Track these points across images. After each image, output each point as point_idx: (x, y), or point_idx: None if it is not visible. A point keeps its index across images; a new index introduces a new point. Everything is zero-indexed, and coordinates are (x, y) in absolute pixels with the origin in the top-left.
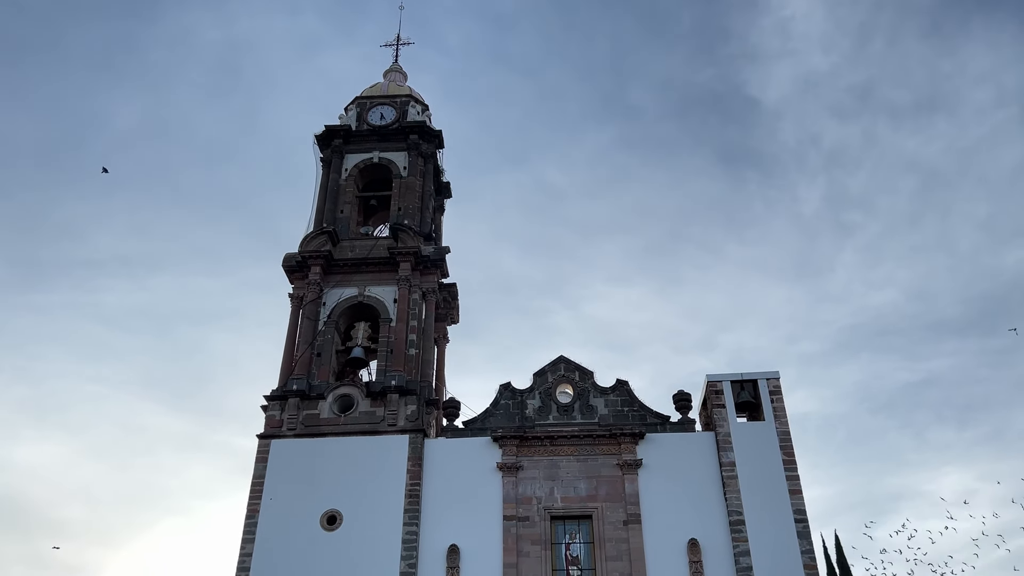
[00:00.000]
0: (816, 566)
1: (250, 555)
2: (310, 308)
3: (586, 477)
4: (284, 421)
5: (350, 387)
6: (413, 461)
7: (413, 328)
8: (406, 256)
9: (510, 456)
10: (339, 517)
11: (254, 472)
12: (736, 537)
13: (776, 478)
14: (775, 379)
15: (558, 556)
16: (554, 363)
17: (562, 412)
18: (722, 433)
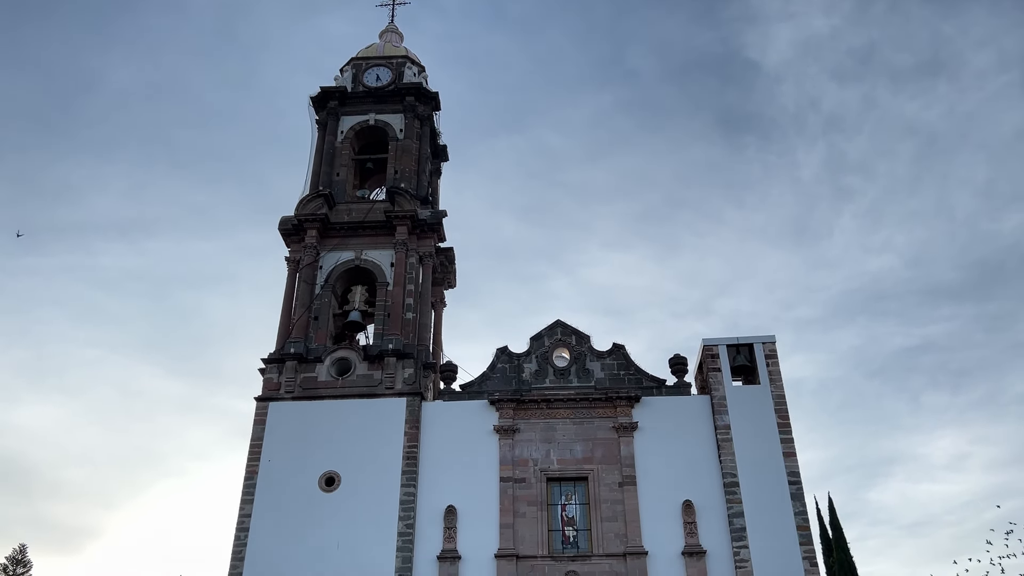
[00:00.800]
0: (809, 527)
1: (249, 516)
2: (307, 272)
3: (582, 440)
4: (282, 384)
5: (347, 350)
6: (411, 424)
7: (410, 292)
8: (403, 220)
9: (507, 419)
10: (337, 478)
11: (252, 434)
12: (730, 499)
13: (771, 441)
14: (771, 343)
15: (554, 517)
16: (551, 327)
17: (559, 376)
18: (717, 396)
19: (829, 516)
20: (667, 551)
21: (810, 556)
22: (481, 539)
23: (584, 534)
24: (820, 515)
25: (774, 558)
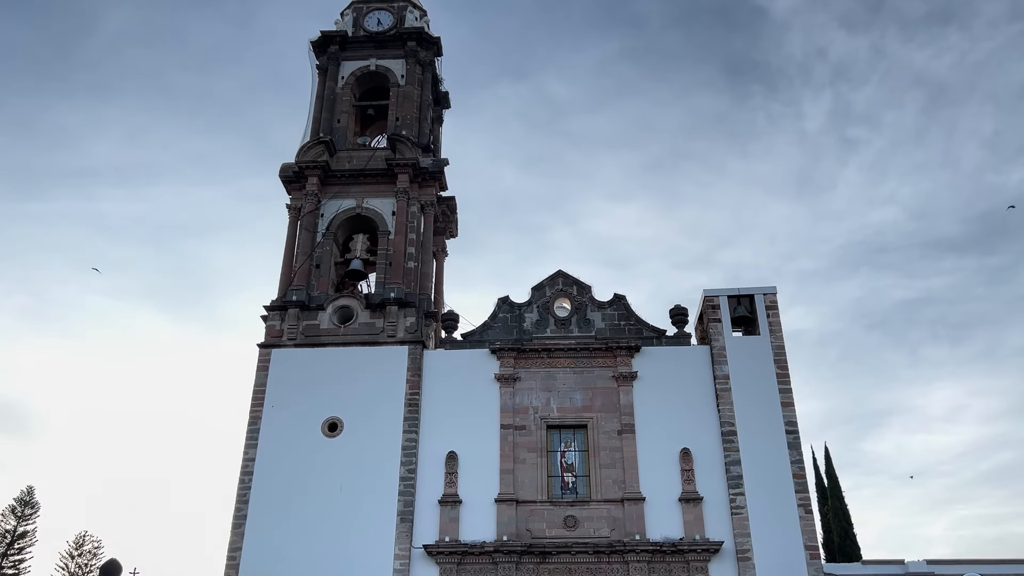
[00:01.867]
0: (805, 476)
1: (253, 460)
2: (308, 219)
3: (582, 388)
4: (284, 331)
5: (349, 299)
6: (412, 371)
7: (412, 241)
8: (404, 168)
9: (508, 368)
10: (340, 424)
11: (255, 380)
12: (728, 447)
13: (769, 391)
14: (772, 294)
15: (553, 463)
16: (552, 277)
17: (559, 325)
18: (717, 347)
19: (825, 465)
20: (664, 497)
21: (805, 504)
22: (481, 484)
23: (583, 480)
24: (816, 464)
25: (769, 505)
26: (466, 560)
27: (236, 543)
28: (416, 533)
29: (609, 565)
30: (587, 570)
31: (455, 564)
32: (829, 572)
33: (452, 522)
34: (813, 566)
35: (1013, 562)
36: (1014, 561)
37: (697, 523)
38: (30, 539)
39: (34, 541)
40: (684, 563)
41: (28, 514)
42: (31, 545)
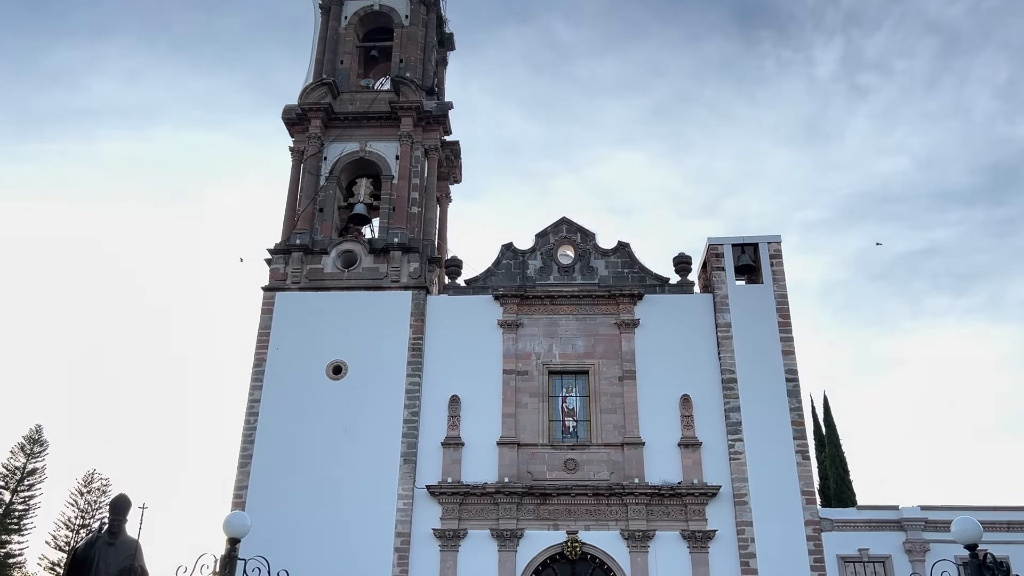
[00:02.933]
0: (804, 423)
1: (258, 401)
2: (311, 162)
3: (584, 335)
4: (288, 275)
5: (353, 243)
6: (416, 316)
7: (415, 186)
8: (408, 111)
9: (511, 314)
10: (344, 367)
11: (260, 323)
12: (728, 394)
13: (770, 339)
14: (776, 243)
15: (555, 408)
16: (556, 224)
17: (563, 273)
18: (720, 295)
19: (824, 414)
20: (664, 442)
21: (803, 450)
22: (484, 427)
23: (583, 425)
24: (815, 412)
25: (768, 451)
26: (468, 500)
27: (242, 481)
28: (419, 474)
29: (608, 507)
30: (586, 512)
31: (457, 504)
32: (824, 516)
33: (454, 464)
34: (809, 510)
35: (1007, 508)
36: (1008, 508)
37: (695, 468)
38: (39, 476)
39: (43, 479)
40: (682, 506)
41: (37, 452)
42: (40, 482)
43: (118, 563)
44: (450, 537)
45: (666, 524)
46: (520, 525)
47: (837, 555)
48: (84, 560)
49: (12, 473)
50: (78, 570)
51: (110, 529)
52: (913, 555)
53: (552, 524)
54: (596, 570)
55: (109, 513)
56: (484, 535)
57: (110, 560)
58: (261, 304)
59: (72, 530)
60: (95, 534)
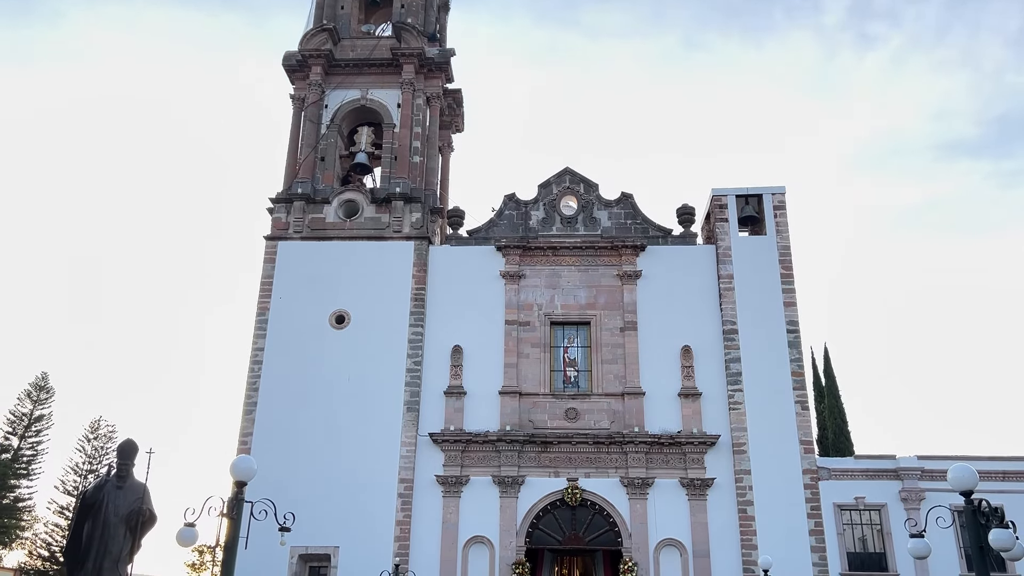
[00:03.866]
0: (803, 374)
1: (262, 349)
2: (312, 110)
3: (586, 286)
4: (290, 224)
5: (355, 192)
6: (418, 267)
7: (417, 135)
8: (409, 58)
9: (513, 265)
10: (347, 317)
11: (262, 272)
12: (728, 345)
13: (772, 291)
14: (780, 194)
15: (556, 358)
16: (559, 175)
17: (565, 223)
18: (723, 247)
19: (824, 365)
20: (664, 392)
21: (802, 400)
22: (486, 377)
23: (584, 375)
24: (815, 364)
25: (767, 401)
26: (470, 448)
27: (247, 428)
28: (422, 422)
29: (608, 455)
30: (586, 459)
31: (459, 451)
32: (822, 465)
33: (457, 412)
34: (807, 460)
35: (1003, 459)
36: (1004, 458)
37: (695, 417)
38: (46, 423)
39: (50, 425)
40: (681, 454)
41: (43, 398)
42: (47, 429)
43: (127, 506)
44: (452, 483)
45: (665, 472)
46: (521, 472)
47: (833, 503)
48: (93, 503)
49: (19, 419)
50: (87, 512)
51: (118, 473)
52: (909, 504)
53: (553, 471)
54: (596, 516)
55: (117, 457)
56: (486, 481)
57: (119, 503)
58: (264, 253)
59: (80, 475)
60: (104, 478)
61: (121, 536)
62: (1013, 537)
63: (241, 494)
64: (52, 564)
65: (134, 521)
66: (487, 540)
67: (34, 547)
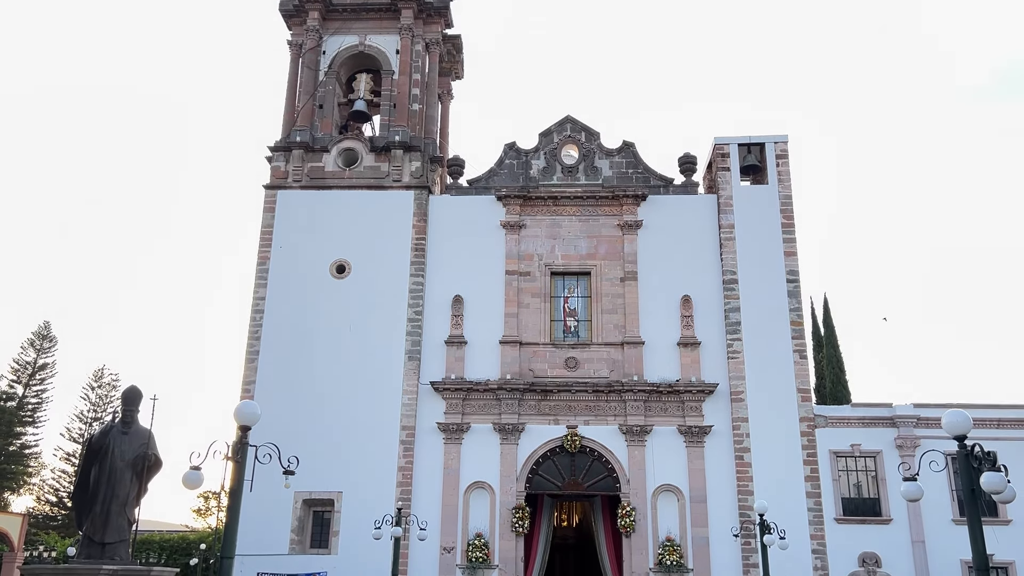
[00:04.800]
0: (802, 323)
1: (263, 299)
2: (309, 57)
3: (587, 236)
4: (289, 172)
5: (354, 141)
6: (418, 217)
7: (416, 82)
8: (408, 2)
9: (513, 215)
10: (348, 266)
11: (262, 221)
12: (728, 295)
13: (773, 240)
14: (783, 143)
15: (556, 308)
16: (560, 123)
17: (566, 173)
18: (724, 196)
19: (823, 315)
20: (663, 341)
21: (800, 349)
22: (486, 326)
23: (584, 325)
24: (814, 313)
25: (766, 350)
26: (471, 396)
27: (250, 377)
28: (423, 370)
29: (607, 403)
30: (586, 407)
31: (460, 400)
32: (819, 413)
33: (458, 361)
34: (804, 408)
35: (998, 407)
36: (999, 406)
37: (694, 366)
38: (50, 371)
39: (54, 373)
40: (679, 402)
41: (46, 347)
42: (51, 377)
43: (132, 450)
44: (454, 430)
45: (663, 420)
46: (521, 420)
47: (829, 450)
48: (100, 448)
49: (23, 368)
50: (94, 457)
51: (123, 419)
52: (903, 450)
53: (552, 419)
54: (595, 462)
55: (121, 404)
56: (487, 429)
57: (124, 448)
58: (263, 202)
59: (85, 423)
60: (109, 424)
61: (128, 480)
62: (1005, 480)
63: (245, 438)
64: (60, 509)
65: (140, 466)
66: (488, 485)
67: (42, 493)
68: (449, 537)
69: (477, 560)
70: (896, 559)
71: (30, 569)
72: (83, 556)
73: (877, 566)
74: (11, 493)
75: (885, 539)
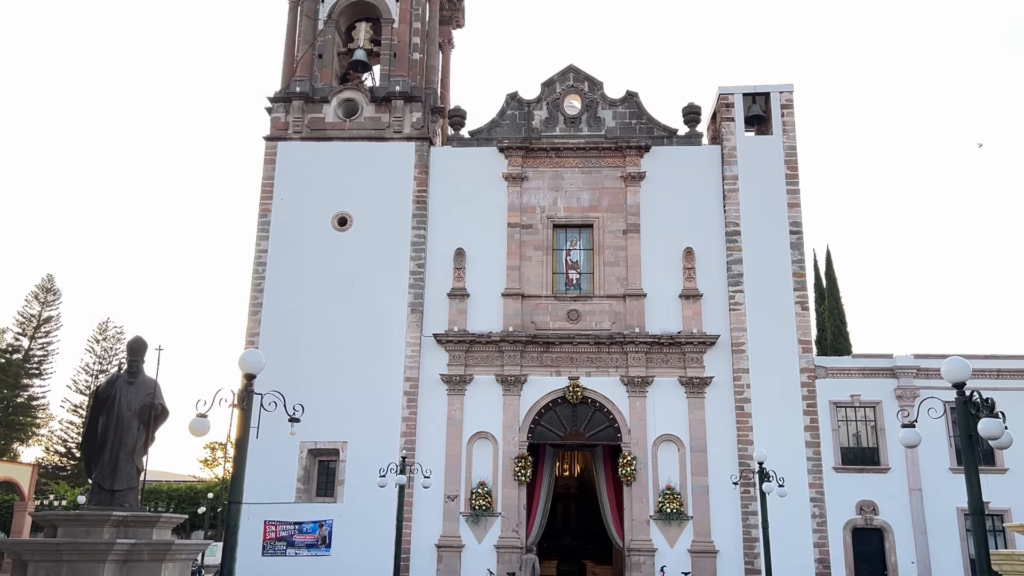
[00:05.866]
0: (804, 275)
1: (265, 251)
2: (308, 5)
3: (589, 188)
4: (289, 124)
5: (354, 91)
6: (420, 168)
7: (416, 30)
8: None
9: (515, 166)
10: (349, 219)
11: (263, 173)
12: (731, 246)
13: (777, 192)
14: (788, 92)
15: (559, 261)
16: (563, 72)
17: (569, 124)
18: (728, 147)
19: (825, 266)
20: (665, 294)
21: (802, 301)
22: (489, 279)
23: (586, 277)
24: (817, 265)
25: (768, 302)
26: (474, 348)
27: (254, 328)
28: (426, 323)
29: (609, 355)
30: (588, 359)
31: (463, 351)
32: (819, 364)
33: (460, 314)
34: (804, 359)
35: (997, 357)
36: (998, 356)
37: (695, 318)
38: (55, 324)
39: (59, 326)
40: (680, 354)
41: (51, 300)
42: (56, 330)
43: (139, 400)
44: (457, 382)
45: (664, 371)
46: (524, 371)
47: (829, 400)
48: (107, 398)
49: (28, 320)
50: (101, 407)
51: (128, 369)
52: (903, 401)
53: (555, 370)
54: (596, 413)
55: (127, 354)
56: (489, 380)
57: (131, 397)
58: (264, 154)
59: (91, 375)
60: (115, 375)
61: (135, 429)
62: (1002, 426)
63: (251, 386)
64: (69, 459)
65: (147, 415)
66: (490, 436)
67: (50, 443)
68: (453, 486)
69: (480, 508)
70: (893, 507)
71: (42, 515)
72: (93, 503)
73: (874, 513)
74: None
75: (883, 487)
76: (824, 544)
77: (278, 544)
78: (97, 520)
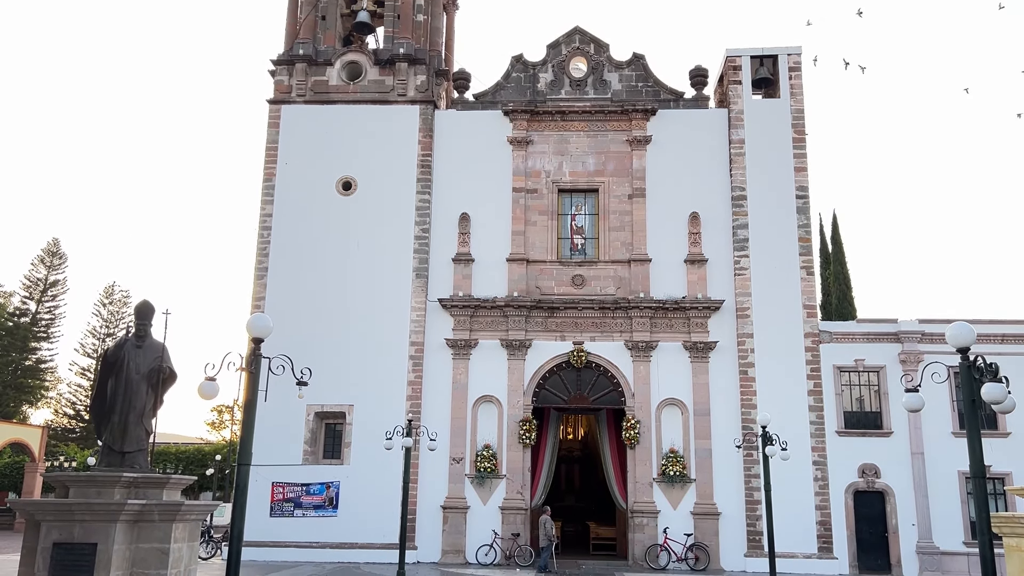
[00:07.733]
0: (810, 240)
1: (270, 215)
2: None
3: (595, 152)
4: (293, 87)
5: (358, 54)
6: (424, 132)
7: None
8: None
9: (520, 130)
10: (354, 183)
11: (267, 137)
12: (736, 211)
13: (784, 156)
14: (796, 55)
15: (564, 226)
16: (569, 34)
17: (575, 87)
18: (735, 110)
19: (831, 231)
20: (670, 258)
21: (808, 266)
22: (493, 244)
23: (592, 242)
24: (823, 230)
25: (772, 267)
26: (478, 313)
27: (259, 293)
28: (431, 288)
29: (613, 320)
30: (592, 324)
31: (468, 316)
32: (824, 329)
33: (465, 279)
34: (809, 323)
35: (1002, 322)
36: (1003, 321)
37: (700, 283)
38: (62, 288)
39: (66, 290)
40: (685, 319)
41: (57, 264)
42: (63, 294)
43: (147, 363)
44: (462, 346)
45: (669, 336)
46: (528, 336)
47: (833, 365)
48: (115, 361)
49: (35, 284)
50: (110, 370)
51: (136, 333)
52: (907, 365)
53: (559, 335)
54: (600, 377)
55: (135, 318)
56: (494, 344)
57: (139, 361)
58: (268, 117)
59: (98, 338)
60: (123, 338)
61: (144, 392)
62: (1005, 390)
63: (258, 350)
64: (78, 422)
65: (155, 378)
66: (495, 399)
67: (59, 406)
68: (458, 449)
69: (485, 470)
70: (895, 470)
71: (53, 476)
72: (103, 464)
73: (876, 477)
74: (29, 406)
75: (885, 451)
76: (826, 507)
77: (286, 505)
78: (108, 481)
